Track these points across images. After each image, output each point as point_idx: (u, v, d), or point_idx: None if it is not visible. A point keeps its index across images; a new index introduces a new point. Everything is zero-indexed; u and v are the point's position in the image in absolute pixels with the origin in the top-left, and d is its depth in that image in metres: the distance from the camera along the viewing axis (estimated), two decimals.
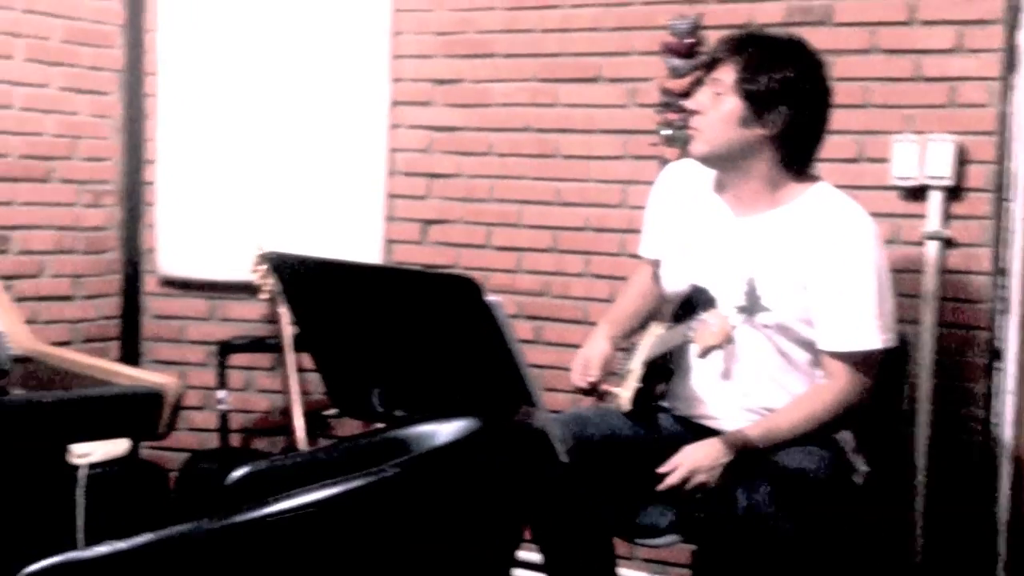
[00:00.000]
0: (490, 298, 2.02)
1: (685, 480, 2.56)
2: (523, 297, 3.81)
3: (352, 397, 2.55)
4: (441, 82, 3.92)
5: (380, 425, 2.75)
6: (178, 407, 2.77)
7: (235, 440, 3.99)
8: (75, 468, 3.49)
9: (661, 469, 2.59)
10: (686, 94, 3.19)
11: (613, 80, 3.69)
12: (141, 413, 2.74)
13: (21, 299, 3.82)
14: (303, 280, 2.46)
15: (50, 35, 3.95)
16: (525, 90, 3.82)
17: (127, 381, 2.82)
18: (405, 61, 3.96)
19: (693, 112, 2.71)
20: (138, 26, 4.13)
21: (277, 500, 1.72)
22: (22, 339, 3.03)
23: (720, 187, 2.77)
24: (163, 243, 4.12)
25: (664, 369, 2.84)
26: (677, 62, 3.51)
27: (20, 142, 3.91)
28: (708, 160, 2.72)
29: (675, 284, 2.85)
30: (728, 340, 2.50)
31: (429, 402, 2.26)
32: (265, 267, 3.69)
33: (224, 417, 3.85)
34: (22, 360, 2.91)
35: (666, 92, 3.55)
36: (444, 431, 2.00)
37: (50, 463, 3.27)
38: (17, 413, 2.65)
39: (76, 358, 3.01)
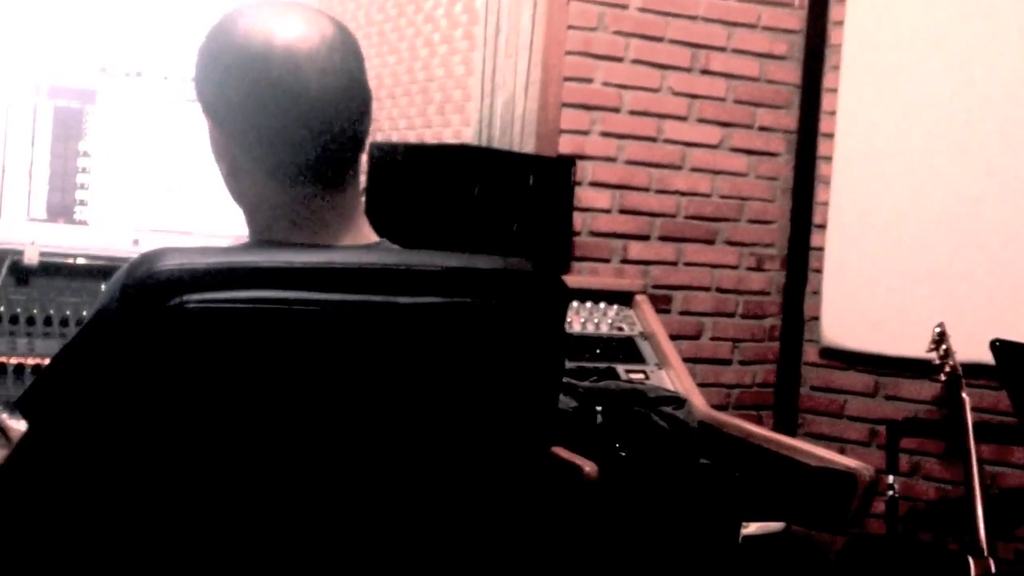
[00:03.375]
0: None
1: None
2: None
3: None
4: None
5: None
6: (870, 494, 2.54)
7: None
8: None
9: None
10: None
11: None
12: (832, 497, 2.54)
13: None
14: None
15: (725, 96, 3.91)
16: None
17: (814, 462, 2.63)
18: None
19: None
20: (816, 87, 3.98)
21: None
22: (699, 405, 2.94)
23: None
24: (828, 312, 3.92)
25: None
26: None
27: (688, 203, 3.89)
28: None
29: None
30: None
31: None
32: (945, 346, 3.38)
33: (892, 503, 3.57)
34: (702, 427, 2.81)
35: None
36: None
37: (722, 536, 3.15)
38: (707, 482, 2.54)
39: (754, 429, 2.86)
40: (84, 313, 2.57)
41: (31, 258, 2.57)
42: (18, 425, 1.91)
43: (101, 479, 1.34)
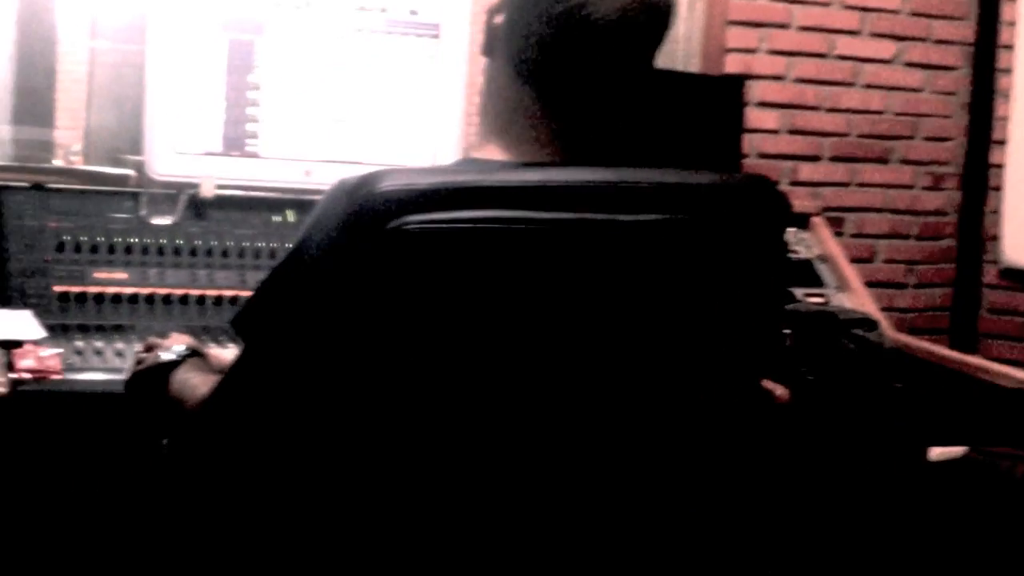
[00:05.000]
0: None
1: None
2: None
3: None
4: None
5: None
6: None
7: None
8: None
9: None
10: None
11: None
12: None
13: None
14: None
15: (900, 8, 3.77)
16: None
17: (1011, 383, 2.53)
18: None
19: None
20: None
21: None
22: (886, 328, 2.85)
23: None
24: (1009, 231, 3.77)
25: None
26: None
27: (861, 120, 3.77)
28: None
29: None
30: None
31: None
32: None
33: None
34: (892, 352, 2.72)
35: None
36: None
37: (908, 462, 3.06)
38: (898, 406, 2.47)
39: (945, 352, 2.77)
40: (260, 245, 2.59)
41: (207, 191, 2.60)
42: (218, 351, 1.93)
43: (314, 398, 1.33)
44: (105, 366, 2.15)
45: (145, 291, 2.40)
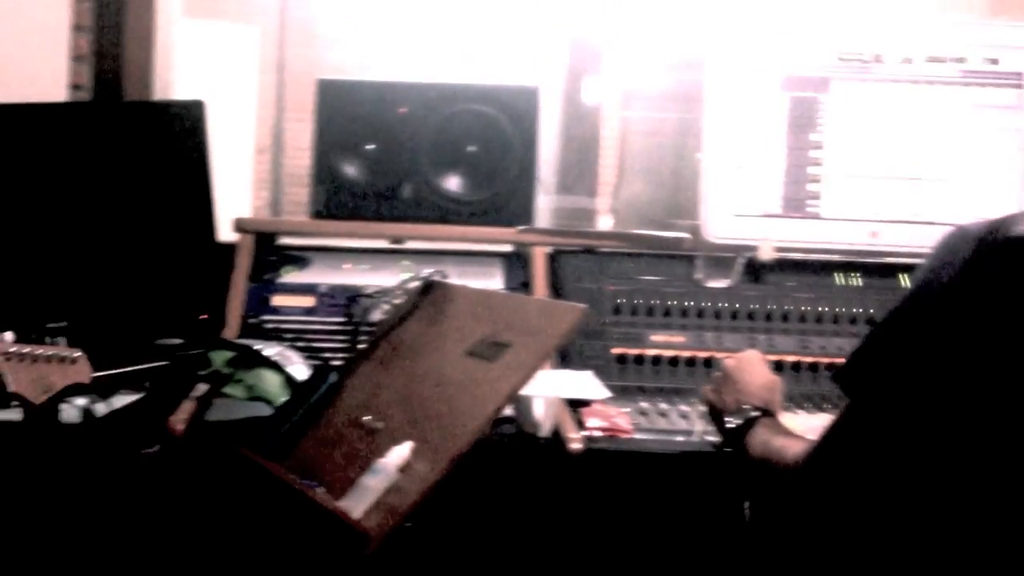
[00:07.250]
0: None
1: None
2: None
3: None
4: None
5: None
6: None
7: None
8: None
9: None
10: None
11: None
12: None
13: None
14: None
15: None
16: None
17: None
18: None
19: None
20: None
21: None
22: None
23: None
24: None
25: None
26: None
27: None
28: None
29: None
30: None
31: None
32: None
33: None
34: None
35: None
36: None
37: None
38: None
39: None
40: (821, 309, 2.46)
41: (766, 254, 2.52)
42: (781, 416, 1.79)
43: (928, 457, 1.16)
44: (671, 427, 2.08)
45: (702, 354, 2.35)
